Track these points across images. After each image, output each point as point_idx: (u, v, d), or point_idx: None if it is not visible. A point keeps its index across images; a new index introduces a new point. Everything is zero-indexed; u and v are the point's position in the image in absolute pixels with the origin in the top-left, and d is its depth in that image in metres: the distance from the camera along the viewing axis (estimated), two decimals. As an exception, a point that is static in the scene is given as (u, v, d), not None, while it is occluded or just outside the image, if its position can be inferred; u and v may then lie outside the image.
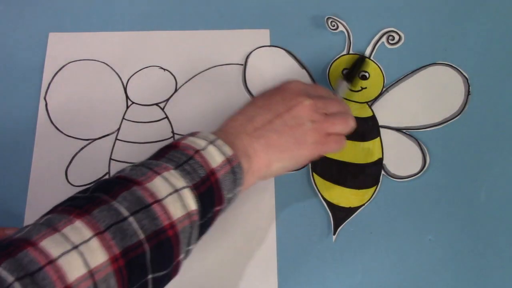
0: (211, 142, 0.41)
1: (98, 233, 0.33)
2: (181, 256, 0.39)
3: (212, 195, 0.40)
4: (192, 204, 0.38)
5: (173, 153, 0.40)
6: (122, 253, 0.34)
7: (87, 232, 0.33)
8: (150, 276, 0.36)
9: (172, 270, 0.38)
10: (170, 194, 0.37)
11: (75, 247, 0.32)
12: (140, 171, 0.38)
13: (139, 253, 0.35)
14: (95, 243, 0.33)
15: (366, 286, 0.49)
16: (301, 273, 0.50)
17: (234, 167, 0.41)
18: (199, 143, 0.41)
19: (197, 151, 0.40)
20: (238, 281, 0.49)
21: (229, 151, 0.41)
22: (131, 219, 0.35)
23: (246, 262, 0.50)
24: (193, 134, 0.43)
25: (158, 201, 0.36)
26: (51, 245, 0.32)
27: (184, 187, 0.38)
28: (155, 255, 0.36)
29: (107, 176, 0.53)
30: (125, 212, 0.35)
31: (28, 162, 0.53)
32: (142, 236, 0.35)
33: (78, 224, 0.33)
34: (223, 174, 0.40)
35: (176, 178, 0.38)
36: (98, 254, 0.33)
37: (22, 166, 0.53)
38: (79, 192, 0.38)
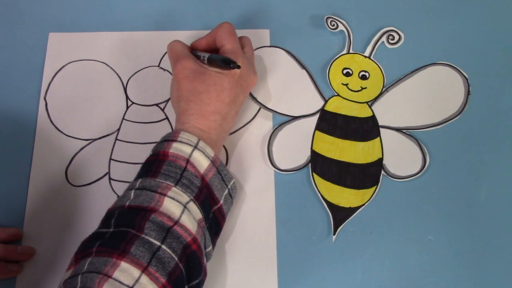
0: (195, 147, 0.44)
1: (144, 270, 0.37)
2: (205, 261, 0.43)
3: (207, 199, 0.44)
4: (198, 214, 0.43)
5: (167, 168, 0.43)
6: (168, 280, 0.38)
7: (135, 272, 0.37)
8: (186, 287, 0.40)
9: (203, 275, 0.42)
10: (182, 212, 0.41)
11: None
12: (147, 196, 0.41)
13: (178, 274, 0.39)
14: (144, 279, 0.37)
15: (366, 286, 0.49)
16: (301, 273, 0.50)
17: (218, 167, 0.45)
18: (185, 150, 0.44)
19: (187, 161, 0.44)
20: (238, 281, 0.49)
21: (211, 152, 0.45)
22: (163, 246, 0.39)
23: (246, 262, 0.50)
24: (174, 138, 0.45)
25: (176, 222, 0.40)
26: None
27: (188, 202, 0.42)
28: (188, 269, 0.40)
29: (106, 176, 0.53)
30: (157, 242, 0.39)
31: (28, 162, 0.53)
32: (176, 258, 0.39)
33: (124, 265, 0.37)
34: (211, 177, 0.45)
35: (180, 195, 0.42)
36: None
37: (22, 166, 0.53)
38: (101, 227, 0.41)
